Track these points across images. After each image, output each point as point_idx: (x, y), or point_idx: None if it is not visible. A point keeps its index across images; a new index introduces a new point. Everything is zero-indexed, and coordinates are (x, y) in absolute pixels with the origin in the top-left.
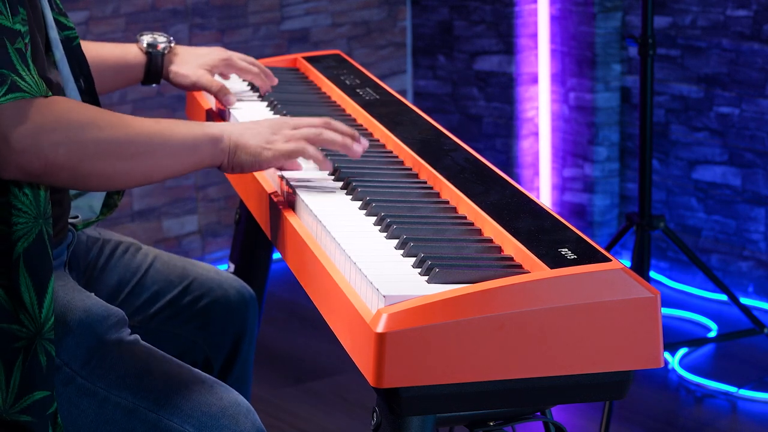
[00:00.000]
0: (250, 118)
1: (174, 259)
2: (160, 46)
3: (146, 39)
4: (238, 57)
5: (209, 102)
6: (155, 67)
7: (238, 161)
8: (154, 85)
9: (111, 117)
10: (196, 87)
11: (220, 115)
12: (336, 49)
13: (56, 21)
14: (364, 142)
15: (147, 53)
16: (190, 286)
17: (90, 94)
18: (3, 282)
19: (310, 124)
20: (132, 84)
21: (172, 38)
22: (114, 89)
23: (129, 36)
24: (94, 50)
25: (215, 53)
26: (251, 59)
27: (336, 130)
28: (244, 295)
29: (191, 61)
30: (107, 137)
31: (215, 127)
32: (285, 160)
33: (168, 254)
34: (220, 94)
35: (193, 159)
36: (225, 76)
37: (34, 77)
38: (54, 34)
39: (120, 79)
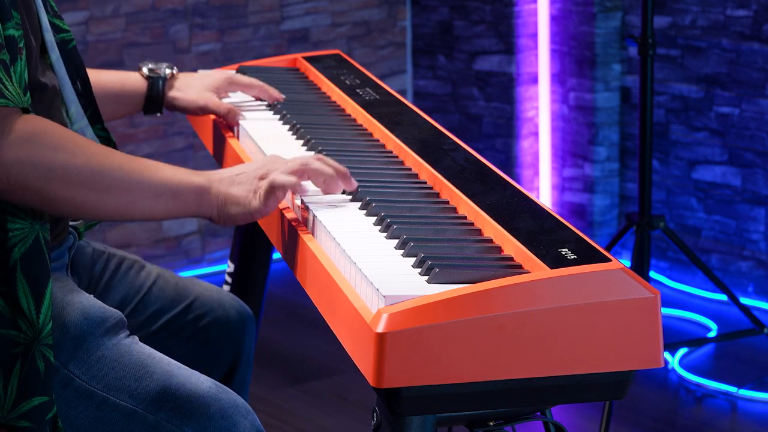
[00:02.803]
0: (258, 127)
1: (176, 277)
2: (161, 72)
3: (148, 65)
4: (241, 78)
5: None
6: (156, 93)
7: (228, 213)
8: (158, 114)
9: (89, 146)
10: (205, 111)
11: (228, 126)
12: (336, 49)
13: (51, 24)
14: (353, 183)
15: (148, 78)
16: (192, 305)
17: (87, 97)
18: (0, 288)
19: (300, 159)
20: (133, 113)
21: (174, 66)
22: (114, 118)
23: (129, 36)
24: (94, 77)
25: (218, 74)
26: (254, 80)
27: (328, 164)
28: (244, 316)
29: (195, 85)
30: (78, 164)
31: (202, 177)
32: (273, 201)
33: (170, 273)
34: (230, 117)
35: (175, 205)
36: (227, 95)
37: (17, 89)
38: (49, 37)
39: (121, 107)
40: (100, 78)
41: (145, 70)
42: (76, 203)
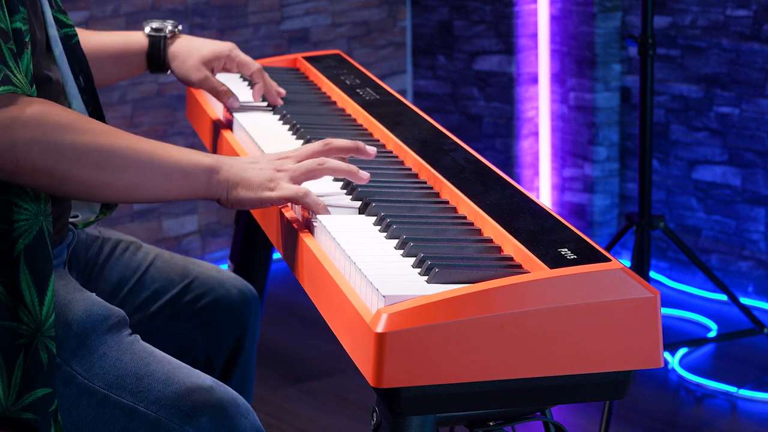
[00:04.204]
0: (258, 126)
1: (175, 257)
2: (163, 32)
3: (152, 24)
4: (242, 57)
5: (216, 113)
6: (157, 53)
7: (236, 197)
8: (168, 72)
9: (97, 125)
10: (202, 87)
11: (228, 125)
12: (336, 49)
13: (55, 19)
14: (371, 150)
15: (149, 37)
16: (191, 285)
17: (89, 93)
18: (3, 279)
19: (313, 152)
20: (137, 73)
21: (179, 25)
22: (118, 78)
23: None
24: (96, 39)
25: (221, 46)
26: (254, 65)
27: (339, 149)
28: (246, 295)
29: (193, 55)
30: (87, 143)
31: (211, 158)
32: (286, 202)
33: (169, 253)
34: (224, 97)
35: (185, 185)
36: (226, 70)
37: (24, 77)
38: (53, 32)
39: (122, 67)
40: (104, 40)
41: (147, 29)
42: (87, 183)
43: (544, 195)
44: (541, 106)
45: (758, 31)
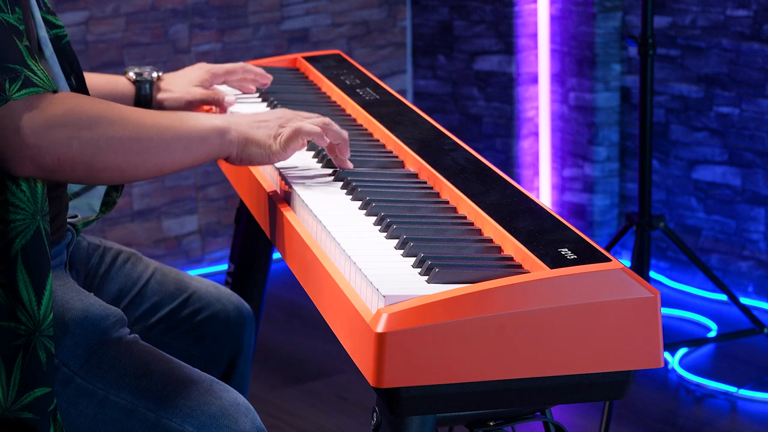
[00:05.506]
0: None
1: (174, 271)
2: (146, 75)
3: (134, 69)
4: (220, 66)
5: (216, 112)
6: (144, 96)
7: (247, 154)
8: None
9: (121, 110)
10: (192, 105)
11: (222, 110)
12: (336, 49)
13: (44, 20)
14: (348, 154)
15: (135, 82)
16: (189, 299)
17: (81, 92)
18: (1, 279)
19: (318, 120)
20: None
21: (159, 69)
22: None
23: (129, 36)
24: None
25: (199, 68)
26: (234, 64)
27: (336, 133)
28: (243, 312)
29: (180, 83)
30: (119, 131)
31: (220, 119)
32: (292, 147)
33: (168, 267)
34: (218, 101)
35: (203, 150)
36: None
37: (43, 72)
38: (43, 33)
39: None
40: (90, 82)
41: (131, 74)
42: (122, 168)
43: (544, 195)
44: (541, 106)
45: (758, 31)
